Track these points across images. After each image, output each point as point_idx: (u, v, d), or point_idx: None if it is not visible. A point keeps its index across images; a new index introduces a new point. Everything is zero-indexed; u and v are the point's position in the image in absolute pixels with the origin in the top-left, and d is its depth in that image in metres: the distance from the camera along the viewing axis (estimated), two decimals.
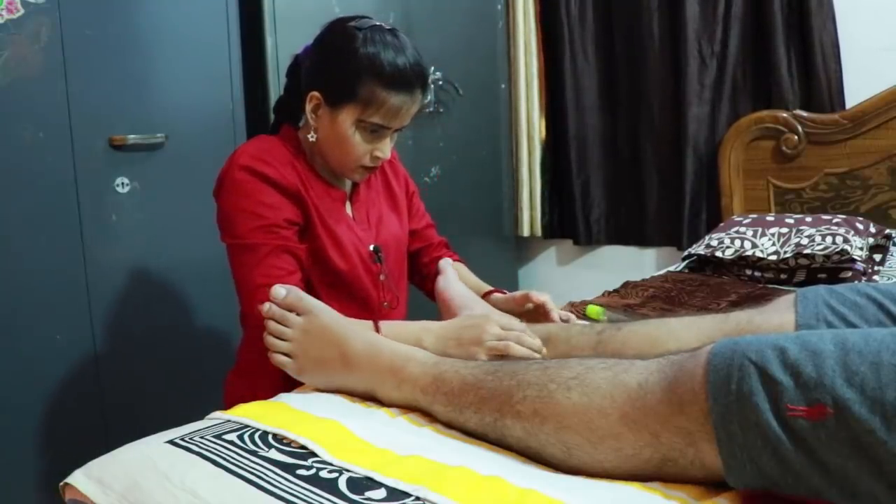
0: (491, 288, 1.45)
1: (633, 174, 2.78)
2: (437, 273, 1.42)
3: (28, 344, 1.67)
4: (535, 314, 1.32)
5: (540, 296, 1.32)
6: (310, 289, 1.26)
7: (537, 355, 1.06)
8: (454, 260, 1.52)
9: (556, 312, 1.31)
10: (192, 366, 1.95)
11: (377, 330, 1.12)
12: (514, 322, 1.14)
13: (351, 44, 1.21)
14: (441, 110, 2.55)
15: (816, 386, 0.64)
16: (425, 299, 1.52)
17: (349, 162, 1.26)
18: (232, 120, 2.01)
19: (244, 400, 1.02)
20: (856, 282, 1.64)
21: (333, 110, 1.23)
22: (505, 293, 1.41)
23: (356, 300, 1.33)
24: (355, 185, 1.38)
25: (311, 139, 1.27)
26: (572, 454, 0.77)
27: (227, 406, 1.00)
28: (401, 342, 1.05)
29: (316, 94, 1.24)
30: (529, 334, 1.10)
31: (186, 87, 1.93)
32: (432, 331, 1.12)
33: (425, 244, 1.53)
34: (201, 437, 0.87)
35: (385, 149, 1.26)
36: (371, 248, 1.34)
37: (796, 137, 2.39)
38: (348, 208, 1.36)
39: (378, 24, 1.25)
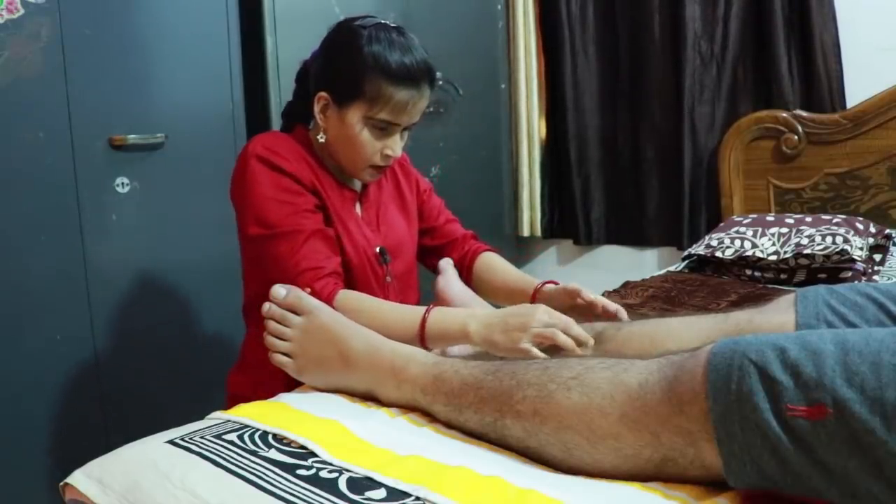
0: (540, 282, 1.37)
1: (633, 174, 2.78)
2: (469, 266, 1.41)
3: (28, 344, 1.67)
4: (585, 312, 1.26)
5: (589, 294, 1.27)
6: None
7: (579, 350, 1.02)
8: (488, 251, 1.49)
9: (610, 306, 1.24)
10: (192, 365, 1.95)
11: (425, 315, 1.12)
12: (564, 317, 1.09)
13: (356, 41, 1.22)
14: (441, 110, 2.55)
15: (816, 386, 0.64)
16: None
17: (360, 161, 1.26)
18: (232, 120, 2.01)
19: (247, 396, 1.02)
20: (856, 282, 1.64)
21: (341, 109, 1.24)
22: (557, 283, 1.35)
23: None
24: (365, 186, 1.38)
25: (320, 140, 1.28)
26: (572, 454, 0.77)
27: (228, 402, 1.00)
28: (447, 328, 1.07)
29: (324, 94, 1.25)
30: (578, 327, 1.06)
31: (186, 87, 1.93)
32: (478, 317, 1.10)
33: (448, 240, 1.50)
34: (201, 437, 0.87)
35: (395, 146, 1.26)
36: (378, 249, 1.34)
37: (796, 137, 2.39)
38: (358, 208, 1.36)
39: (383, 21, 1.25)
